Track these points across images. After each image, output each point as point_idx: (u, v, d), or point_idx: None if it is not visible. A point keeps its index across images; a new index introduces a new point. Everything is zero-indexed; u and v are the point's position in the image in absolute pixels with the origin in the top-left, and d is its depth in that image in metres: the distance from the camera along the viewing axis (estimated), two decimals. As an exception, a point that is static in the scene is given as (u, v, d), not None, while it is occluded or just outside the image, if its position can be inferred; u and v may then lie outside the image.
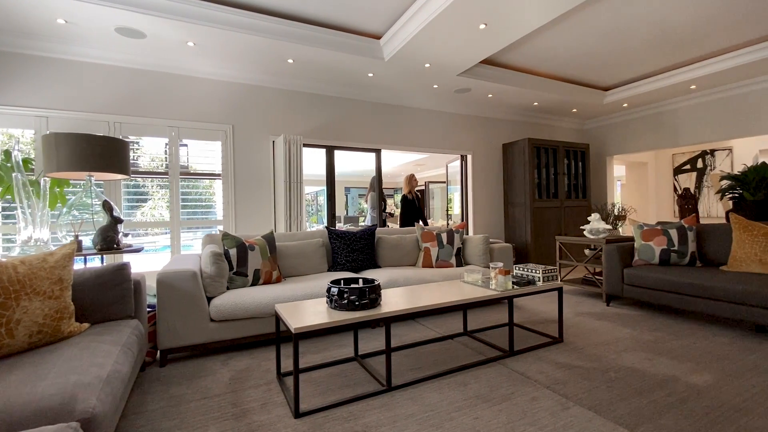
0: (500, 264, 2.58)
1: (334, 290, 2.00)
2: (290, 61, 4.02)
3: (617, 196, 9.63)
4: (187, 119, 4.06)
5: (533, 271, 2.63)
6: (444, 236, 3.73)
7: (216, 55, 3.84)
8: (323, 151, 4.95)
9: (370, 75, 4.47)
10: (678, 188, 7.67)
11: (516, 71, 4.95)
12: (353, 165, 12.24)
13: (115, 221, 2.63)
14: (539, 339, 2.70)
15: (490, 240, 3.89)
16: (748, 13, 3.59)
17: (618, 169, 9.15)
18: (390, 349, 1.99)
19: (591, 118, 6.92)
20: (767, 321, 2.50)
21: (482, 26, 3.35)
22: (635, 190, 8.30)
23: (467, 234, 6.03)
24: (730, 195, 4.27)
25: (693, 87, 5.21)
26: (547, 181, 5.99)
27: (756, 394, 1.85)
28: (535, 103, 5.85)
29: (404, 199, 5.63)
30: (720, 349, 2.45)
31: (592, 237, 4.00)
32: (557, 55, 4.46)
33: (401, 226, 5.60)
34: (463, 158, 6.12)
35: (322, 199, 15.05)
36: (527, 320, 3.16)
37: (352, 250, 3.45)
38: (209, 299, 2.58)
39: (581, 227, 4.13)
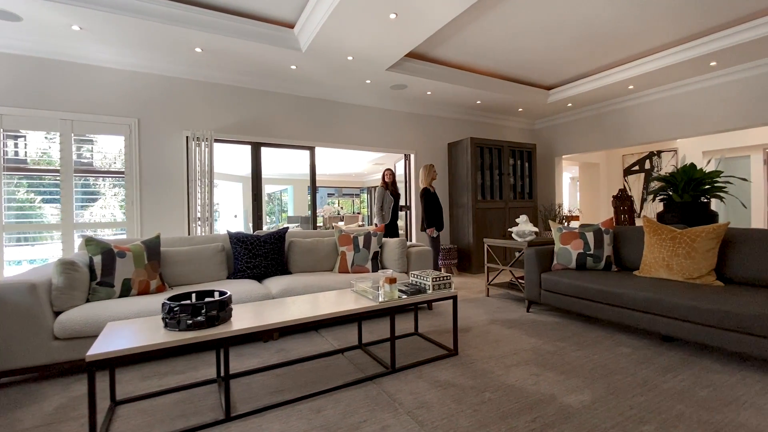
0: (390, 271, 2.36)
1: (166, 306, 1.73)
2: (198, 50, 3.71)
3: (577, 197, 9.65)
4: (83, 111, 3.70)
5: (426, 278, 2.43)
6: (360, 240, 3.51)
7: (111, 41, 3.50)
8: (259, 148, 4.65)
9: (293, 67, 4.20)
10: (628, 189, 7.70)
11: (452, 68, 4.78)
12: (326, 166, 11.98)
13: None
14: (436, 351, 2.50)
15: (409, 244, 3.69)
16: (670, 12, 3.50)
17: (574, 170, 9.17)
18: (229, 376, 1.74)
19: (539, 118, 6.85)
20: (670, 330, 2.38)
21: (392, 16, 3.13)
22: (588, 191, 8.31)
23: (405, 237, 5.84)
24: (661, 197, 4.21)
25: (631, 87, 5.16)
26: (492, 181, 5.86)
27: (629, 417, 1.69)
28: (478, 102, 5.70)
29: (426, 192, 4.67)
30: (617, 361, 2.30)
31: (519, 240, 3.85)
32: (491, 51, 4.30)
33: (428, 224, 4.61)
34: (407, 157, 5.92)
35: (287, 198, 14.65)
36: (439, 328, 2.96)
37: (254, 256, 3.17)
38: (58, 314, 2.26)
39: (509, 229, 3.98)
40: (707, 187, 3.86)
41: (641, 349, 2.49)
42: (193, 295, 1.97)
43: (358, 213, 14.48)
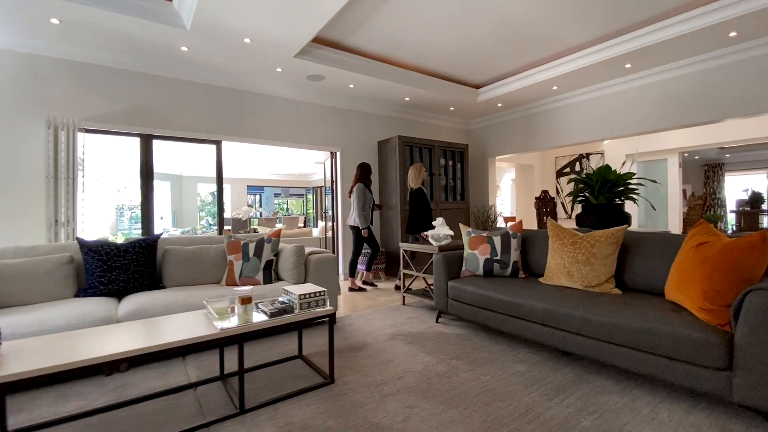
0: (247, 288, 1.96)
1: None
2: (55, 21, 3.09)
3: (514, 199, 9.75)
4: None
5: (294, 295, 2.05)
6: (251, 247, 3.07)
7: (-71, 3, 2.81)
8: (153, 141, 4.04)
9: (185, 49, 3.67)
10: (560, 191, 7.82)
11: (372, 59, 4.45)
12: (274, 165, 11.34)
13: None
14: (312, 380, 2.13)
15: (309, 250, 3.30)
16: (582, 9, 3.39)
17: (514, 172, 9.24)
18: (-39, 444, 1.26)
19: (473, 119, 6.74)
20: (566, 345, 2.17)
21: (279, -10, 2.74)
22: (524, 192, 8.38)
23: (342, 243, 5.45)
24: (579, 198, 4.13)
25: (555, 88, 5.12)
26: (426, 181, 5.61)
27: (496, 462, 1.41)
28: (407, 98, 5.44)
29: (420, 192, 4.35)
30: (507, 382, 2.05)
31: (434, 243, 3.59)
32: (408, 43, 4.02)
33: (422, 227, 4.25)
34: (333, 155, 5.54)
35: (225, 198, 13.71)
36: (336, 347, 2.59)
37: (109, 269, 2.64)
38: None
39: (424, 233, 3.71)
40: (621, 188, 3.83)
41: (538, 365, 2.27)
42: (-55, 331, 1.45)
43: (302, 215, 13.88)
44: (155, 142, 4.16)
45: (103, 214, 8.38)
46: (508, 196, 11.40)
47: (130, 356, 1.50)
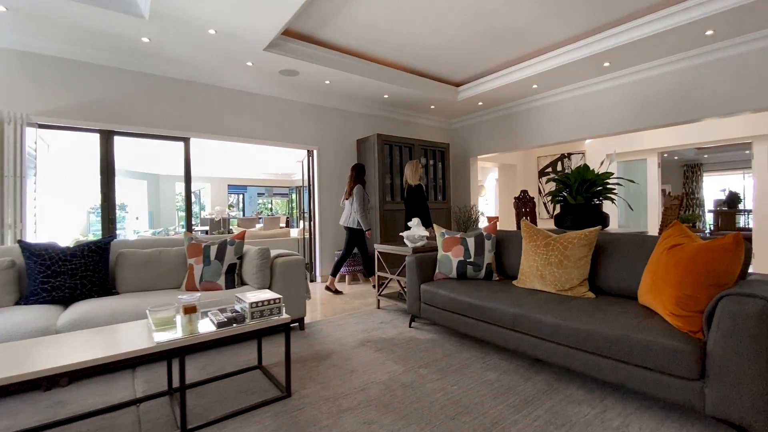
0: (193, 296, 1.80)
1: None
2: (1, 8, 2.87)
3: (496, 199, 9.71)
4: None
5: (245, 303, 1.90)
6: (213, 250, 2.90)
7: None
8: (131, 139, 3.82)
9: (146, 40, 3.47)
10: (542, 191, 7.81)
11: (348, 54, 4.31)
12: (258, 164, 11.09)
13: None
14: (268, 393, 1.99)
15: (275, 253, 3.14)
16: (565, 3, 3.31)
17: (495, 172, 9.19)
18: None
19: (455, 117, 6.65)
20: (536, 352, 2.07)
21: (239, -24, 2.57)
22: (506, 192, 8.34)
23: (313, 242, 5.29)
24: (558, 199, 4.07)
25: (535, 86, 5.05)
26: (402, 181, 5.50)
27: (452, 486, 1.29)
28: (385, 96, 5.31)
29: (419, 189, 4.38)
30: (475, 393, 1.94)
31: (410, 244, 3.48)
32: (384, 37, 3.89)
33: (425, 224, 4.28)
34: (310, 153, 5.38)
35: (205, 198, 13.37)
36: (299, 356, 2.45)
37: (53, 274, 2.44)
38: None
39: (401, 233, 3.59)
40: (599, 188, 3.77)
41: (509, 374, 2.17)
42: None
43: (284, 215, 13.63)
44: (120, 139, 3.96)
45: (73, 215, 8.03)
46: (492, 195, 11.38)
47: (39, 376, 1.33)
